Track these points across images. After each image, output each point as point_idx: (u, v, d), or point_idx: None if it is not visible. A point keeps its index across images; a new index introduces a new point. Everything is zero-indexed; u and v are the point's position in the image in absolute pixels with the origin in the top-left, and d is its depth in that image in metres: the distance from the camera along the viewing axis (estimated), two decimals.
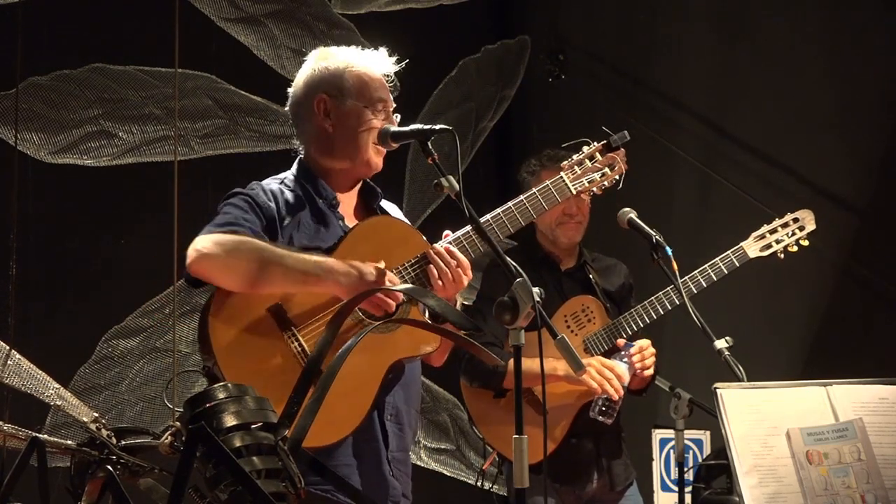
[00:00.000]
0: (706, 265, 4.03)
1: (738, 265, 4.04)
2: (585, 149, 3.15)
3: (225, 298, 2.79)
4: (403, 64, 3.13)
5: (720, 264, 4.03)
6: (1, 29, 4.37)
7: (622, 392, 3.89)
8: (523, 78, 6.20)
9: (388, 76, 3.10)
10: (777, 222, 4.09)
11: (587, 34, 6.10)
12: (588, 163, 3.14)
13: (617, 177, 3.16)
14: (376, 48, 3.13)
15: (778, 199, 4.99)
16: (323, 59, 3.08)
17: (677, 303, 3.94)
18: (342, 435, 2.79)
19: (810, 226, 4.07)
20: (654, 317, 4.02)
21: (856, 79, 4.99)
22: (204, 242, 2.77)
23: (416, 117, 5.48)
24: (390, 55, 3.13)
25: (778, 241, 4.06)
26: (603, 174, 3.14)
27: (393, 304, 2.82)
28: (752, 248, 4.06)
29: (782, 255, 4.06)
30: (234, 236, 2.79)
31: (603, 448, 4.05)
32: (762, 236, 4.07)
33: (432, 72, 5.88)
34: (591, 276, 4.15)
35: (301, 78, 3.09)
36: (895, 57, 4.87)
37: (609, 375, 3.86)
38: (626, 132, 3.15)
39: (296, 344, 2.80)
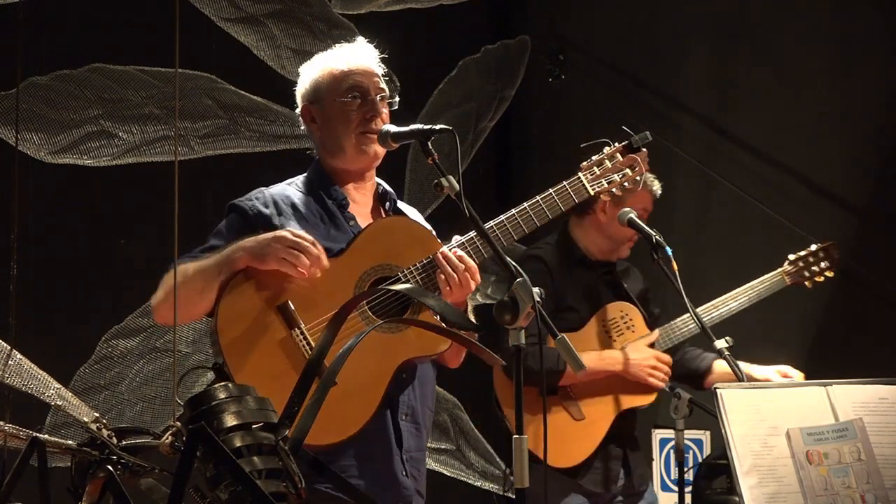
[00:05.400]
0: (745, 287, 4.15)
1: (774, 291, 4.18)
2: (606, 150, 3.09)
3: (234, 299, 2.82)
4: (376, 51, 3.12)
5: (759, 288, 4.14)
6: (1, 29, 4.37)
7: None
8: (523, 78, 6.19)
9: (371, 64, 3.08)
10: (806, 251, 4.18)
11: (587, 34, 6.10)
12: (608, 163, 3.07)
13: (637, 178, 3.09)
14: (370, 42, 3.14)
15: (778, 199, 5.00)
16: (306, 69, 3.15)
17: (716, 319, 4.08)
18: (348, 434, 2.80)
19: (834, 258, 4.19)
20: (696, 331, 4.07)
21: (856, 79, 5.00)
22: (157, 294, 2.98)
23: (416, 117, 5.48)
24: (389, 55, 3.14)
25: (808, 272, 4.18)
26: (623, 175, 3.08)
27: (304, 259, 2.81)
28: (785, 277, 4.19)
29: (809, 285, 4.20)
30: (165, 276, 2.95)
31: (629, 451, 4.06)
32: (795, 263, 4.19)
33: (432, 72, 5.88)
34: (621, 281, 4.15)
35: (296, 94, 3.16)
36: (894, 57, 4.88)
37: (666, 370, 3.94)
38: (647, 133, 3.08)
39: (304, 342, 2.82)
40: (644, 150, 3.10)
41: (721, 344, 3.56)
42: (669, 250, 3.68)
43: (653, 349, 4.01)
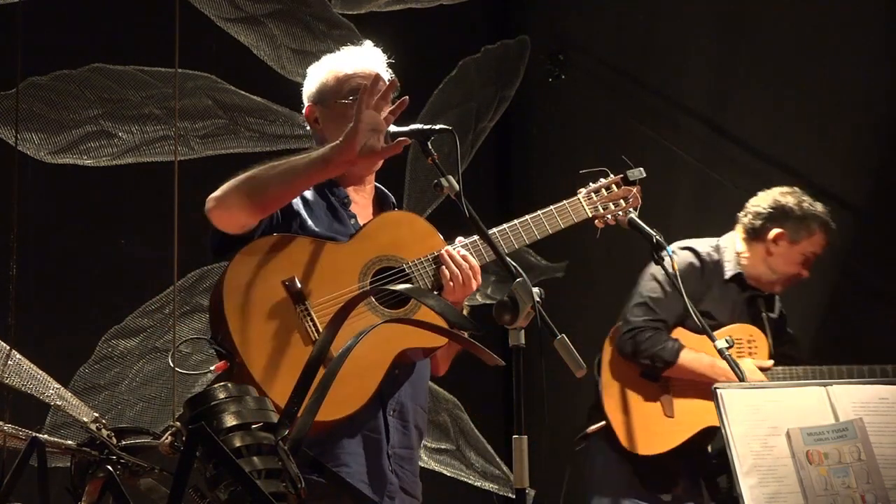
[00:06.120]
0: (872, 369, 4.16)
1: None
2: (603, 179, 3.28)
3: (240, 269, 2.86)
4: (381, 54, 3.15)
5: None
6: (1, 29, 4.37)
7: None
8: (523, 78, 6.19)
9: (376, 68, 3.11)
10: None
11: (587, 34, 6.10)
12: (604, 192, 3.27)
13: (632, 209, 3.28)
14: (375, 45, 3.17)
15: None
16: (313, 70, 3.20)
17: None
18: (343, 414, 2.82)
19: None
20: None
21: (856, 79, 5.00)
22: (214, 193, 2.92)
23: (416, 117, 5.47)
24: (389, 54, 3.16)
25: None
26: (618, 205, 3.27)
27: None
28: None
29: None
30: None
31: (700, 465, 4.07)
32: None
33: (432, 72, 5.88)
34: (763, 312, 4.18)
35: (303, 93, 3.21)
36: (894, 57, 4.88)
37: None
38: (641, 169, 3.29)
39: (308, 319, 2.85)
40: (639, 184, 3.29)
41: (721, 344, 3.56)
42: (670, 250, 3.69)
43: (763, 374, 4.03)
